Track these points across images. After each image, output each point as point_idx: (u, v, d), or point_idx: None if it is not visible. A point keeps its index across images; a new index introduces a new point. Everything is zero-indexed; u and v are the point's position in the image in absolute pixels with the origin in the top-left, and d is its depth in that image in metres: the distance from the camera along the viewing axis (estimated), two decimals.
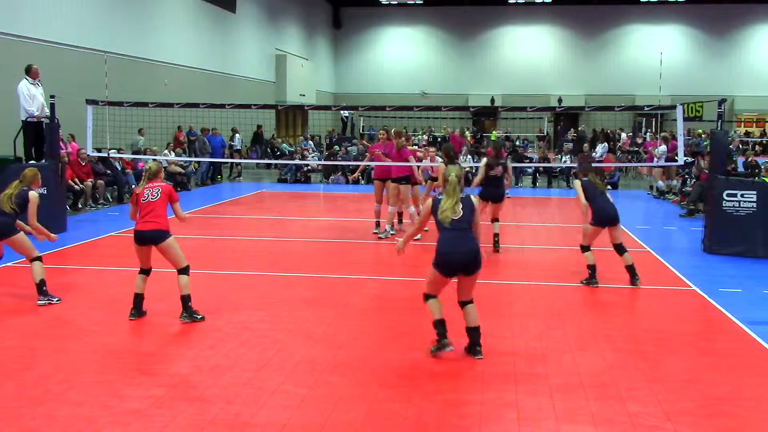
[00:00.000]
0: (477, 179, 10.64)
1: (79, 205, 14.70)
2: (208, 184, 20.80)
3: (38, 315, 7.04)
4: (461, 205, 5.81)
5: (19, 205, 7.46)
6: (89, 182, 15.08)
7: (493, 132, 33.70)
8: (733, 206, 10.36)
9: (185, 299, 6.85)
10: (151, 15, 21.09)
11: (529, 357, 5.94)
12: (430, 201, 5.99)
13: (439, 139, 28.65)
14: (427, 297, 5.95)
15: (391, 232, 11.58)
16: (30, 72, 11.98)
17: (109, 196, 16.02)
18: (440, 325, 5.86)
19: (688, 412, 4.89)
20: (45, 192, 11.55)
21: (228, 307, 7.44)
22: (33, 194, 7.59)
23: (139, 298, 6.95)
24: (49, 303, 7.37)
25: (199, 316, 6.86)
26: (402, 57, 39.51)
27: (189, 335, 6.48)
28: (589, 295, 8.17)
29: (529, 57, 38.43)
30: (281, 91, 30.96)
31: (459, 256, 5.74)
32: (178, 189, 18.65)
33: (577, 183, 8.78)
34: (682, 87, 33.14)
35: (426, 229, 11.28)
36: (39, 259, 7.54)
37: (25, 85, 11.83)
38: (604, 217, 8.40)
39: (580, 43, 38.46)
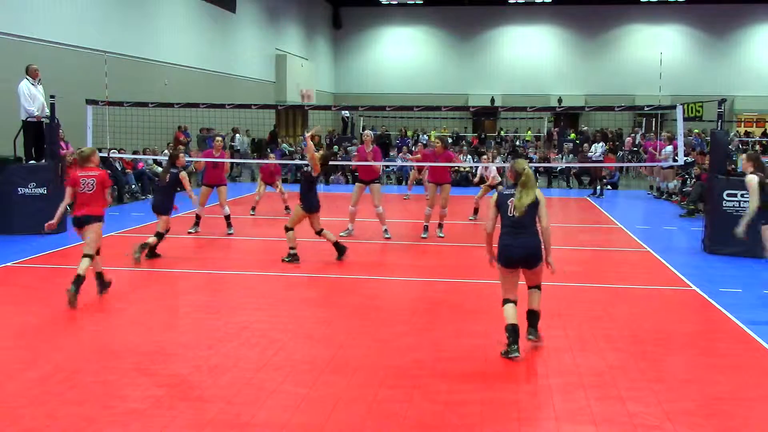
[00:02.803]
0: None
1: None
2: None
3: (38, 315, 7.04)
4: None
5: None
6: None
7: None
8: (733, 206, 10.35)
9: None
10: (151, 15, 21.08)
11: (529, 357, 5.94)
12: (496, 195, 6.12)
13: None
14: (504, 302, 6.01)
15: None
16: (29, 72, 11.98)
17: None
18: (511, 331, 5.84)
19: (688, 412, 4.89)
20: (45, 192, 11.60)
21: (228, 307, 7.45)
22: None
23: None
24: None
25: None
26: (402, 57, 39.47)
27: (189, 335, 6.48)
28: (589, 295, 8.18)
29: (529, 57, 38.40)
30: (281, 91, 30.94)
31: (518, 250, 5.87)
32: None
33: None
34: (682, 87, 33.09)
35: (424, 235, 11.30)
36: None
37: (25, 85, 11.83)
38: None
39: (580, 43, 38.44)
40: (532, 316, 6.12)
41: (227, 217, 11.97)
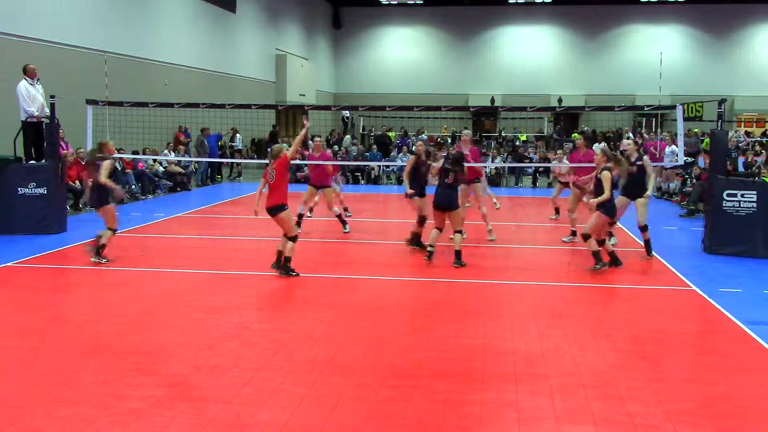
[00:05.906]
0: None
1: (80, 205, 14.69)
2: (208, 184, 20.80)
3: (38, 315, 7.04)
4: None
5: None
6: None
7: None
8: (733, 206, 10.35)
9: (287, 259, 8.66)
10: (150, 15, 21.08)
11: (529, 357, 5.94)
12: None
13: (439, 139, 28.56)
14: (586, 237, 9.08)
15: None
16: (27, 72, 11.95)
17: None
18: (597, 253, 9.08)
19: (688, 412, 4.89)
20: (45, 192, 11.60)
21: (228, 307, 7.44)
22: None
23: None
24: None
25: (294, 273, 8.57)
26: (402, 57, 39.48)
27: (189, 335, 6.48)
28: (589, 295, 8.18)
29: (529, 57, 38.41)
30: (281, 91, 30.95)
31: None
32: (178, 189, 18.71)
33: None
34: (682, 87, 33.12)
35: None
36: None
37: (23, 86, 11.80)
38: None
39: (580, 43, 38.45)
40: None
41: (339, 217, 12.04)
